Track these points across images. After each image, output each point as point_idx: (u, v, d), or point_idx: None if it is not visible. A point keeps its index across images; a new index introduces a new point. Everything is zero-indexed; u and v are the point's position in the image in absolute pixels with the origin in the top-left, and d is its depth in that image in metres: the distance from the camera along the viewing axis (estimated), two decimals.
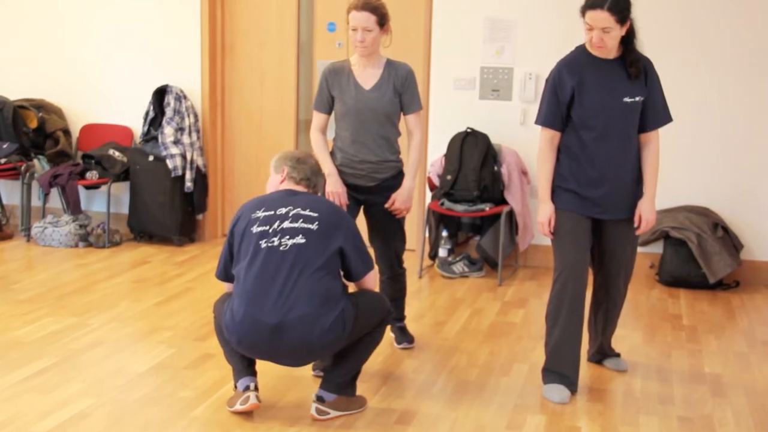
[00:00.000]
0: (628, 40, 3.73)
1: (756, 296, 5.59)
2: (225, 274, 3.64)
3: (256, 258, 3.43)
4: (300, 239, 3.42)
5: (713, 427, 3.59)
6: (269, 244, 3.42)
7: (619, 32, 3.64)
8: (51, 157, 6.69)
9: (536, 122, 3.86)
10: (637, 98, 3.73)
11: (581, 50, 3.79)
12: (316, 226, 3.44)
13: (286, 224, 3.44)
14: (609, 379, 4.07)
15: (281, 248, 3.41)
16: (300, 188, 3.61)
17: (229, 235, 3.58)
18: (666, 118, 3.85)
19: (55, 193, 6.64)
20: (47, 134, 6.73)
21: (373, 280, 3.65)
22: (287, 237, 3.42)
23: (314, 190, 3.67)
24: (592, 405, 3.78)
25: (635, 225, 3.86)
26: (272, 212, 3.48)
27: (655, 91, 3.79)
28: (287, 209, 3.48)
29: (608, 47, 3.68)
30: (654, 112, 3.80)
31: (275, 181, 3.66)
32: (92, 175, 6.45)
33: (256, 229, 3.47)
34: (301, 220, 3.45)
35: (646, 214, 3.83)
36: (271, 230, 3.44)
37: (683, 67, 5.73)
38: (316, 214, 3.46)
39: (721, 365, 4.31)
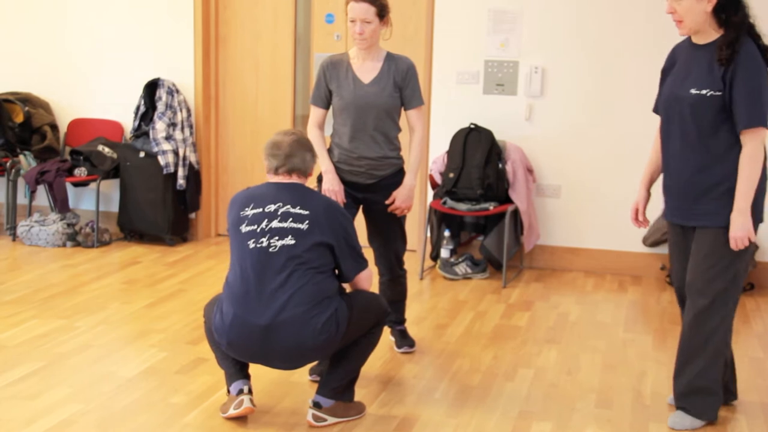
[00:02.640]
0: (727, 20, 3.35)
1: None
2: None
3: (245, 259, 3.42)
4: (289, 240, 3.40)
5: None
6: (258, 245, 3.41)
7: (692, 1, 3.32)
8: (37, 153, 6.68)
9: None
10: (705, 91, 3.38)
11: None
12: (306, 226, 3.42)
13: (275, 224, 3.42)
14: (618, 385, 4.07)
15: (270, 249, 3.40)
16: (287, 178, 3.53)
17: (228, 232, 3.59)
18: (748, 121, 3.33)
19: (41, 190, 6.63)
20: (33, 129, 6.73)
21: (367, 281, 3.64)
22: (276, 238, 3.41)
23: (297, 173, 3.54)
24: (600, 411, 3.77)
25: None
26: (260, 209, 3.46)
27: (736, 87, 3.33)
28: (276, 206, 3.46)
29: (686, 22, 3.37)
30: (736, 111, 3.35)
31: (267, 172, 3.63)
32: (80, 172, 6.45)
33: (245, 228, 3.45)
34: (291, 219, 3.43)
35: (733, 231, 3.39)
36: (259, 230, 3.43)
37: None
38: (306, 212, 3.44)
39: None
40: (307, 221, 3.43)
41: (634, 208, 3.79)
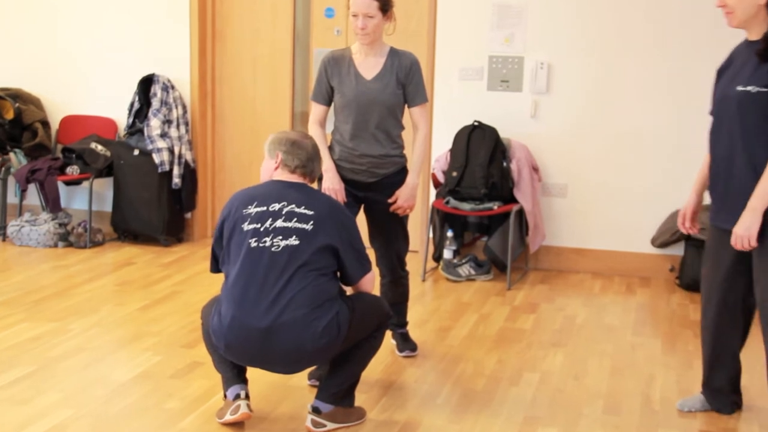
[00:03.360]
0: None
1: None
2: (216, 267, 3.66)
3: (245, 258, 3.41)
4: (293, 240, 3.40)
5: None
6: (261, 244, 3.40)
7: None
8: (28, 151, 6.67)
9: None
10: (750, 88, 3.30)
11: None
12: (311, 227, 3.42)
13: (279, 223, 3.42)
14: (626, 390, 4.06)
15: (273, 249, 3.39)
16: (294, 178, 3.56)
17: (218, 229, 3.56)
18: None
19: (32, 189, 6.62)
20: (24, 126, 6.72)
21: (370, 283, 3.63)
22: (280, 237, 3.40)
23: (311, 177, 3.61)
24: (607, 417, 3.76)
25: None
26: (264, 208, 3.46)
27: None
28: (281, 205, 3.46)
29: (736, 14, 3.32)
30: None
31: (269, 168, 3.61)
32: (73, 170, 6.44)
33: (247, 226, 3.45)
34: (295, 219, 3.43)
35: (736, 227, 3.38)
36: (263, 229, 3.42)
37: None
38: (311, 212, 3.44)
39: (746, 376, 4.27)
40: (311, 222, 3.43)
41: (682, 214, 3.75)
